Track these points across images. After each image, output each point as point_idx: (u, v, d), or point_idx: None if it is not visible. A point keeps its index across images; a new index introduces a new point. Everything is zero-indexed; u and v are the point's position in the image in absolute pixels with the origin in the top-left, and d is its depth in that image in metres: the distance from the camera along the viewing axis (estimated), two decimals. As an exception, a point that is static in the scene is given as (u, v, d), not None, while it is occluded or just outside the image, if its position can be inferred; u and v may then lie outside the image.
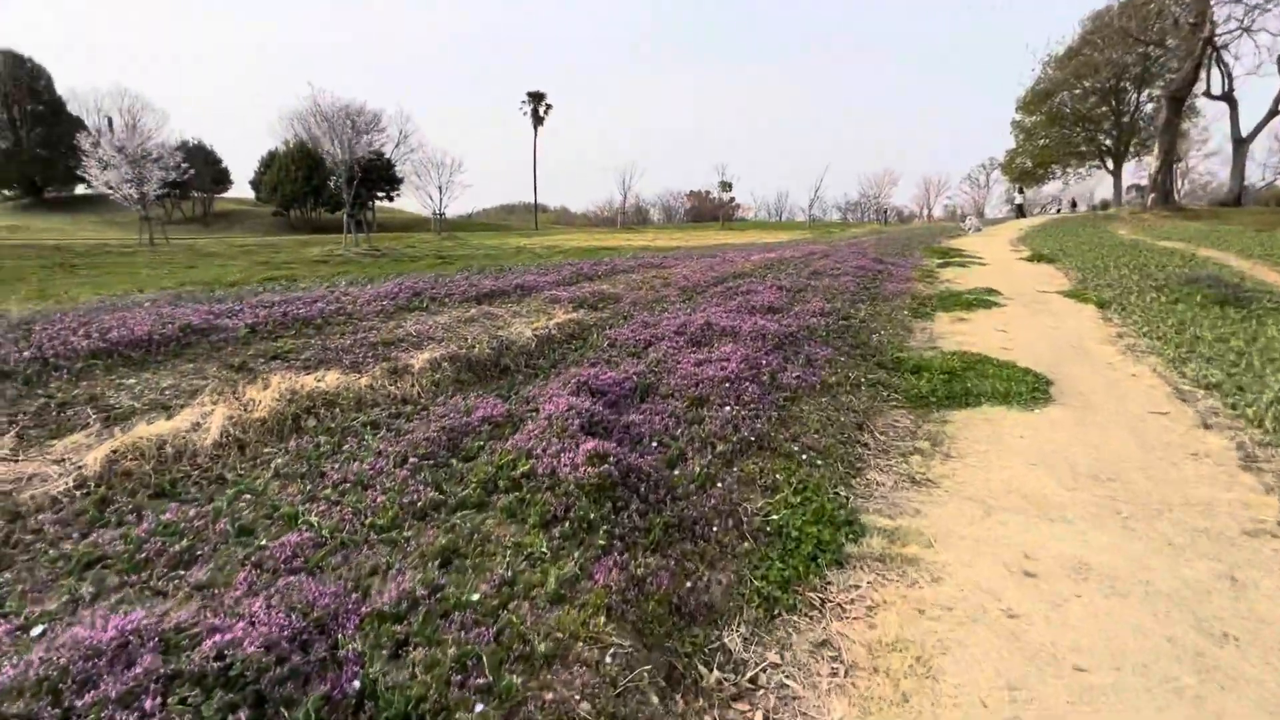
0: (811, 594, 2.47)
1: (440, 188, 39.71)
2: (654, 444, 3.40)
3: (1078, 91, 51.40)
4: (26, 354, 3.75)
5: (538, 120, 63.75)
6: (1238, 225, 27.57)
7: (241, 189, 62.41)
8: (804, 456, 3.52)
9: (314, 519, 2.60)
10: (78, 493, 2.76)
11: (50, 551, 2.31)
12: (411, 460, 3.11)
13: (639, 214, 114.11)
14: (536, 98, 62.62)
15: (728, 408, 3.92)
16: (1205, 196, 58.63)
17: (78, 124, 64.52)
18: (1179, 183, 49.99)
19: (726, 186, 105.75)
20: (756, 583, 2.50)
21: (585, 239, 38.48)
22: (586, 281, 9.08)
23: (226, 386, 3.79)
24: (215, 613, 1.92)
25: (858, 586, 2.53)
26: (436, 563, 2.30)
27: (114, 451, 3.03)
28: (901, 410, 4.63)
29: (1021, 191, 52.41)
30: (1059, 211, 45.81)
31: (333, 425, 3.64)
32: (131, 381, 3.74)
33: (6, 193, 59.20)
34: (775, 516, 2.95)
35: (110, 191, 25.19)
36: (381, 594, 2.07)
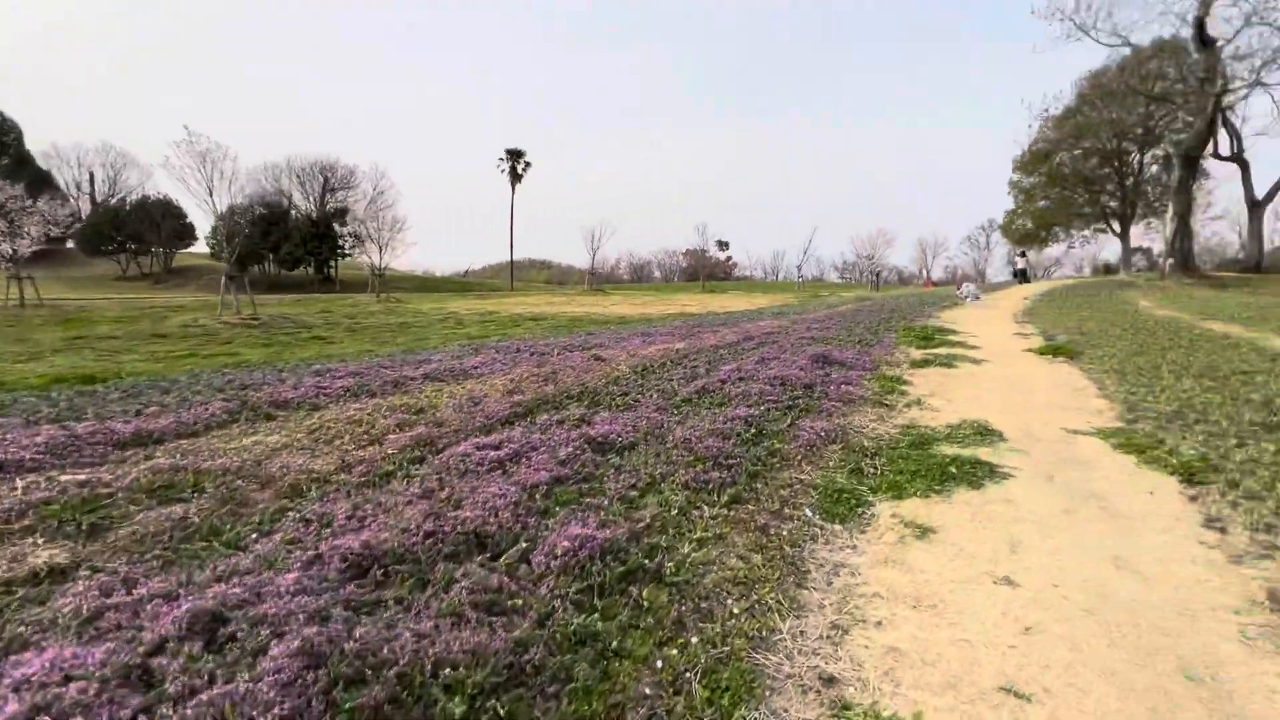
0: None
1: (380, 247, 36.53)
2: None
3: (1078, 152, 48.88)
4: None
5: (515, 178, 61.71)
6: (1277, 297, 23.75)
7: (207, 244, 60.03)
8: None
9: None
10: None
11: None
12: None
13: (635, 271, 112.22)
14: (515, 155, 60.68)
15: None
16: (1212, 260, 55.51)
17: (45, 178, 63.07)
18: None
19: (723, 245, 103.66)
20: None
21: (541, 302, 35.06)
22: (257, 420, 5.08)
23: None
24: None
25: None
26: None
27: None
28: None
29: (1024, 255, 48.67)
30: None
31: None
32: None
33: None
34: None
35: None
36: None
